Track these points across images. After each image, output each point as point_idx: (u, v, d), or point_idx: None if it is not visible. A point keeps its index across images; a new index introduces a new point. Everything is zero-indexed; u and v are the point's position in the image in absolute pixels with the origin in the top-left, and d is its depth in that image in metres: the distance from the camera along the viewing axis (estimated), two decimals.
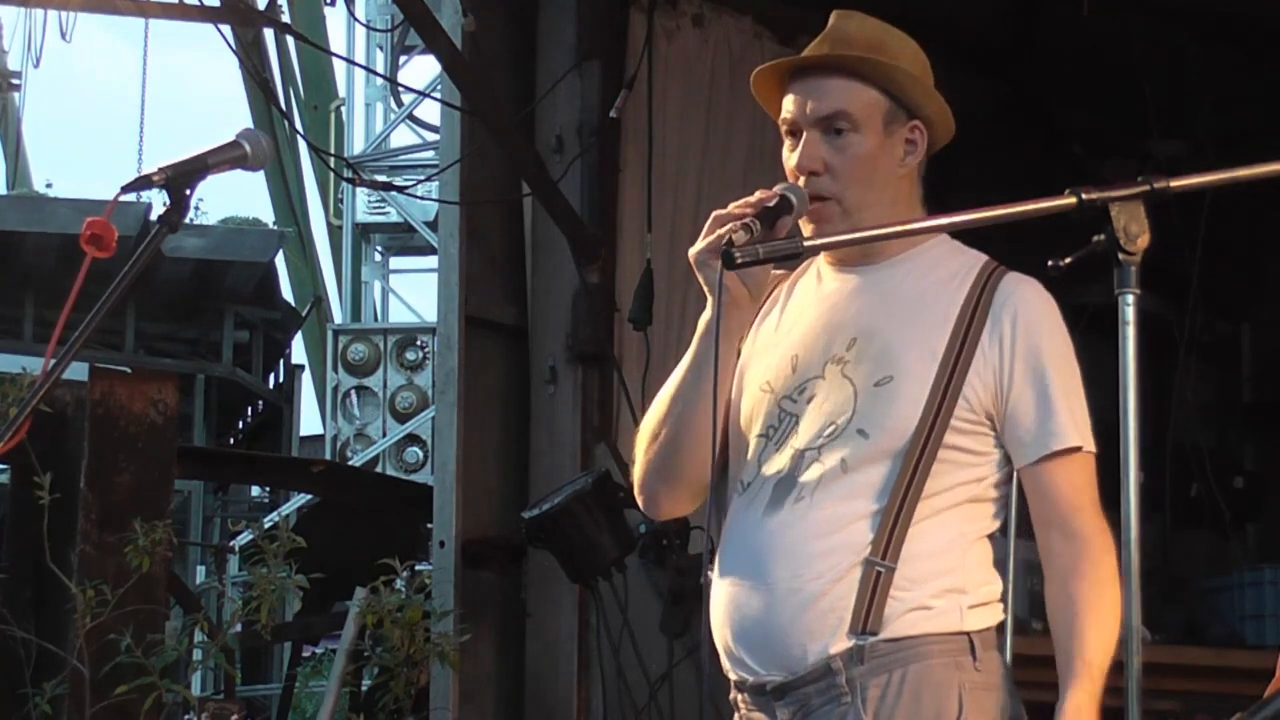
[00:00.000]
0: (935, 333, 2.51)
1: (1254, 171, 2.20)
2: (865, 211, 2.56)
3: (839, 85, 2.58)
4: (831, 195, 2.56)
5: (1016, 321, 2.51)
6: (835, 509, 2.46)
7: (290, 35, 12.34)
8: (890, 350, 2.51)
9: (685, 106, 6.26)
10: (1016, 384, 2.49)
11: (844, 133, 2.57)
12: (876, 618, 2.43)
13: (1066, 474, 2.48)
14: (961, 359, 2.49)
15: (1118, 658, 2.21)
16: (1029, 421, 2.49)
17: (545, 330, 6.15)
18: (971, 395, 2.49)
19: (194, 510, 14.52)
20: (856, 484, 2.47)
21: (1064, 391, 2.50)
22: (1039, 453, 2.49)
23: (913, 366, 2.49)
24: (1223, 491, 7.57)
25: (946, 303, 2.53)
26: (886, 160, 2.59)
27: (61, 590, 5.03)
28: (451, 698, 5.72)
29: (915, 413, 2.47)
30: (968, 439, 2.49)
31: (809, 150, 2.57)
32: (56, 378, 2.25)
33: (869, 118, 2.58)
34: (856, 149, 2.57)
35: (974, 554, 2.51)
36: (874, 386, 2.50)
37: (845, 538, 2.45)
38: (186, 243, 13.20)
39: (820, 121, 2.58)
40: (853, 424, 2.49)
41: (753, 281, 2.54)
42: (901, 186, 2.62)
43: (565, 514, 5.16)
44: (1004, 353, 2.50)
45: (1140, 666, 2.15)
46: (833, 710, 2.44)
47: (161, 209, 2.28)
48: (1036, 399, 2.49)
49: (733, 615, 2.52)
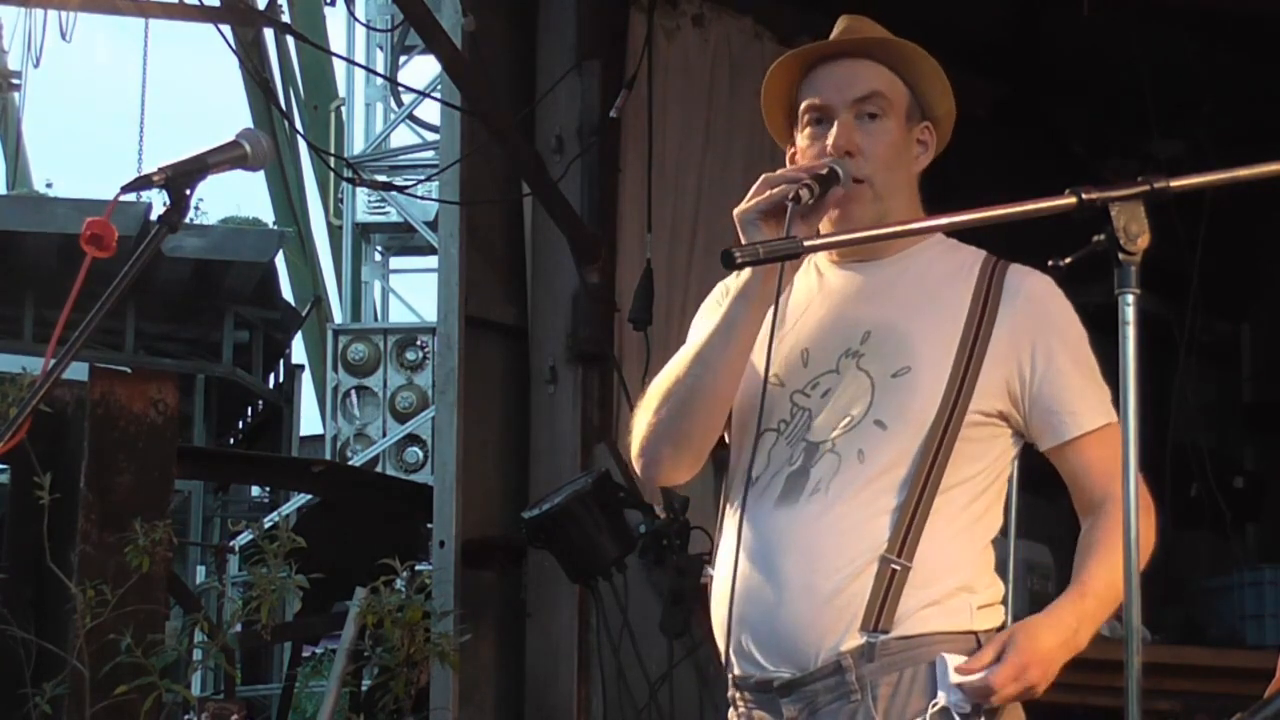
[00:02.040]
0: (949, 324, 2.53)
1: (1254, 171, 2.20)
2: (892, 198, 2.58)
3: (872, 68, 2.62)
4: (864, 177, 2.57)
5: (1030, 309, 2.54)
6: (852, 503, 2.46)
7: (290, 35, 12.34)
8: (906, 342, 2.52)
9: (685, 106, 6.26)
10: (1039, 369, 2.52)
11: (877, 117, 2.60)
12: (889, 616, 2.43)
13: (1101, 448, 2.52)
14: (977, 349, 2.51)
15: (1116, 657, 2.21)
16: (1059, 403, 2.52)
17: (545, 330, 6.15)
18: (989, 384, 2.50)
19: (194, 510, 14.52)
20: (874, 475, 2.47)
21: (1088, 371, 2.54)
22: (1075, 432, 2.53)
23: (930, 357, 2.51)
24: (1223, 491, 7.57)
25: (956, 295, 2.55)
26: (907, 152, 2.64)
27: (61, 590, 5.03)
28: (451, 698, 5.72)
29: (934, 403, 2.48)
30: (981, 430, 2.51)
31: (844, 132, 2.58)
32: (56, 378, 2.25)
33: (898, 105, 2.62)
34: (888, 134, 2.60)
35: (982, 555, 2.52)
36: (891, 378, 2.50)
37: (863, 534, 2.45)
38: (186, 243, 13.20)
39: (856, 104, 2.60)
40: (870, 415, 2.49)
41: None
42: (913, 183, 2.66)
43: (565, 514, 5.16)
44: (1021, 340, 2.52)
45: (1140, 666, 2.15)
46: (841, 708, 2.44)
47: (161, 209, 2.28)
48: (1064, 381, 2.52)
49: (742, 610, 2.50)
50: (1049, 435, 2.54)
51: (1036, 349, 2.52)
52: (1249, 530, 8.01)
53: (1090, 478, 2.53)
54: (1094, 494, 2.53)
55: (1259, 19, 6.56)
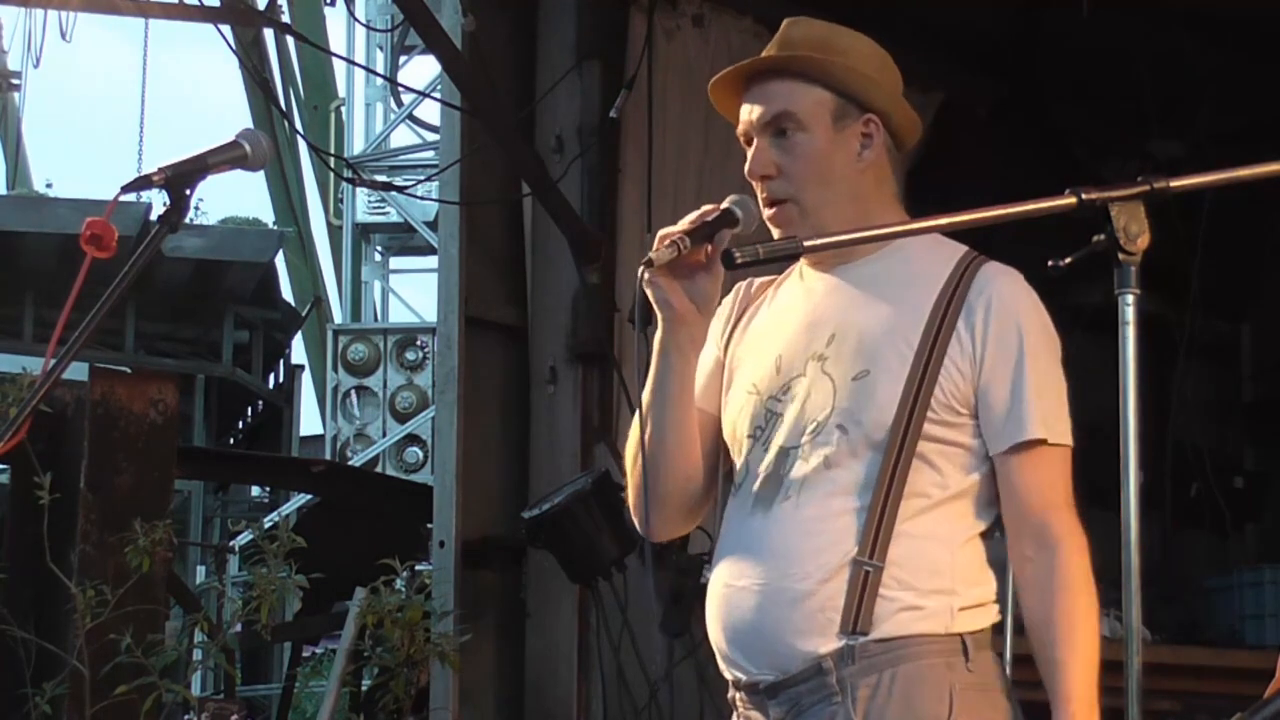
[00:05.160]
0: (912, 324, 2.50)
1: (1254, 171, 2.20)
2: (823, 210, 2.56)
3: (782, 87, 2.61)
4: (788, 197, 2.57)
5: (991, 309, 2.49)
6: (820, 507, 2.46)
7: (290, 35, 12.34)
8: (866, 344, 2.51)
9: (685, 106, 6.26)
10: (988, 371, 2.48)
11: (789, 133, 2.58)
12: (866, 618, 2.42)
13: (1034, 468, 2.46)
14: (936, 349, 2.48)
15: (1116, 657, 2.21)
16: (998, 411, 2.47)
17: (545, 330, 6.15)
18: (949, 385, 2.47)
19: (194, 510, 14.53)
20: (839, 480, 2.46)
21: (1037, 382, 2.47)
22: (1006, 443, 2.47)
23: (888, 359, 2.49)
24: (1223, 491, 7.59)
25: (924, 294, 2.52)
26: (841, 156, 2.59)
27: (61, 590, 5.03)
28: (451, 698, 5.72)
29: (891, 406, 2.46)
30: (947, 430, 2.48)
31: (759, 155, 2.59)
32: (56, 378, 2.25)
33: (815, 116, 2.58)
34: (805, 148, 2.58)
35: (964, 555, 2.49)
36: (852, 381, 2.49)
37: (832, 537, 2.45)
38: (186, 243, 13.21)
39: (767, 125, 2.60)
40: (832, 420, 2.49)
41: (700, 297, 2.53)
42: (863, 181, 2.60)
43: (565, 514, 5.16)
44: (977, 340, 2.48)
45: (1140, 666, 2.15)
46: (823, 709, 2.44)
47: (161, 209, 2.28)
48: (1009, 388, 2.47)
49: (725, 615, 2.52)
50: (990, 444, 2.49)
51: (989, 352, 2.47)
52: (1249, 530, 8.01)
53: (1021, 495, 2.46)
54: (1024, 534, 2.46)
55: (1258, 19, 6.56)
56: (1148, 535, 2.15)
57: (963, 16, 6.67)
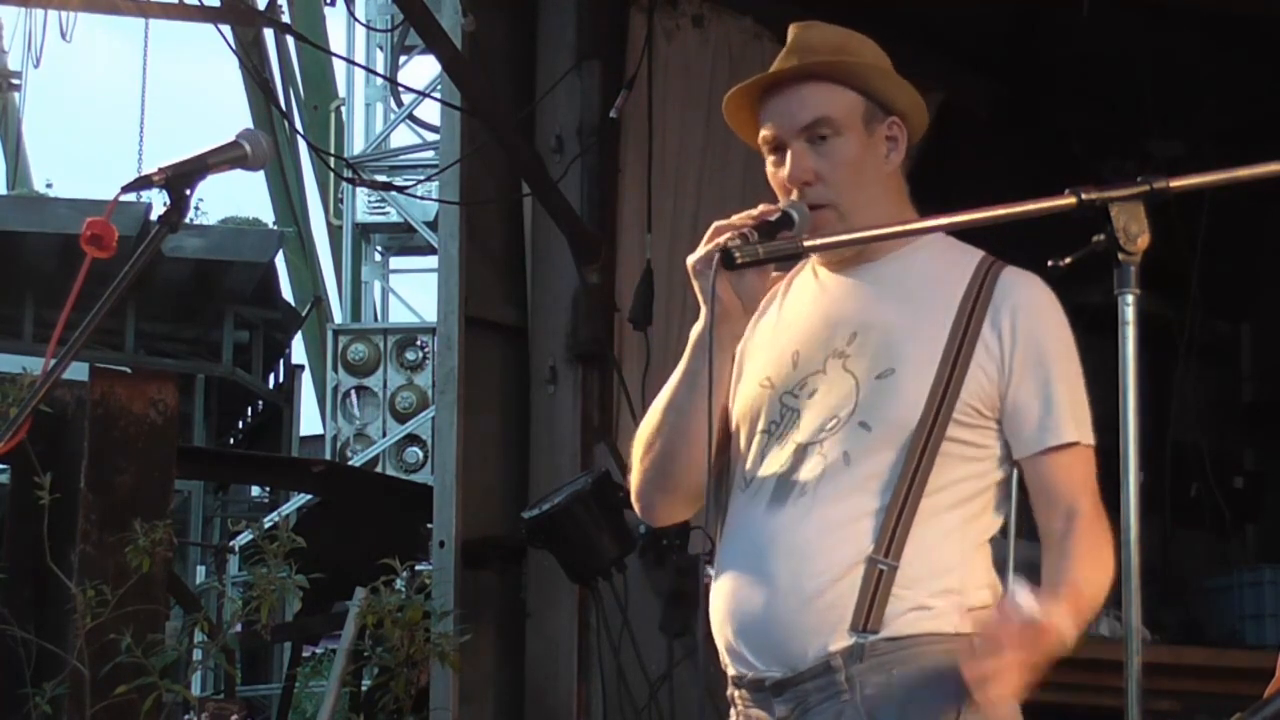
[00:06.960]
0: (936, 325, 2.52)
1: (1254, 171, 2.20)
2: (860, 213, 2.57)
3: (816, 92, 2.60)
4: (827, 202, 2.58)
5: (1018, 314, 2.51)
6: (838, 505, 2.47)
7: (290, 35, 12.35)
8: (891, 343, 2.52)
9: (685, 106, 6.26)
10: (1017, 376, 2.50)
11: (828, 138, 2.58)
12: (878, 616, 2.43)
13: (1065, 467, 2.50)
14: (963, 351, 2.50)
15: (1116, 657, 2.21)
16: (1029, 415, 2.50)
17: (545, 330, 6.15)
18: (974, 387, 2.49)
19: (194, 510, 14.53)
20: (859, 477, 2.47)
21: (1065, 386, 2.51)
22: (1038, 446, 2.50)
23: (914, 358, 2.50)
24: (1223, 491, 7.58)
25: (946, 296, 2.54)
26: (872, 159, 2.61)
27: (61, 590, 5.03)
28: (451, 698, 5.72)
29: (918, 404, 2.47)
30: (970, 432, 2.50)
31: (798, 161, 2.58)
32: (56, 378, 2.25)
33: (850, 120, 2.60)
34: (843, 153, 2.59)
35: (974, 556, 2.51)
36: (876, 379, 2.50)
37: (848, 535, 2.45)
38: (186, 243, 13.22)
39: (804, 131, 2.59)
40: (855, 416, 2.49)
41: (746, 293, 2.54)
42: (890, 184, 2.63)
43: (565, 514, 5.16)
44: (1005, 345, 2.51)
45: (1140, 666, 2.15)
46: (831, 707, 2.45)
47: (161, 209, 2.28)
48: (1038, 392, 2.50)
49: (734, 611, 2.53)
50: (1019, 445, 2.52)
51: (1017, 357, 2.50)
52: (1249, 530, 8.01)
53: (1054, 489, 2.50)
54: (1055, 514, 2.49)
55: (1258, 19, 6.57)
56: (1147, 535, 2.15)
57: (962, 17, 6.67)
